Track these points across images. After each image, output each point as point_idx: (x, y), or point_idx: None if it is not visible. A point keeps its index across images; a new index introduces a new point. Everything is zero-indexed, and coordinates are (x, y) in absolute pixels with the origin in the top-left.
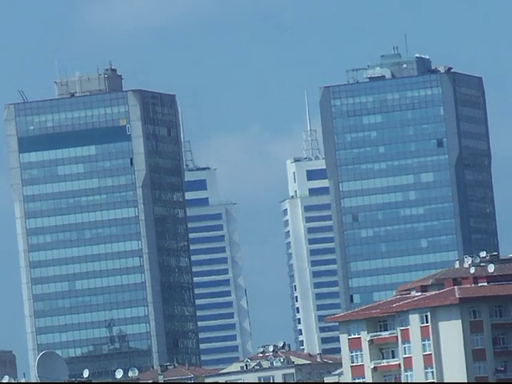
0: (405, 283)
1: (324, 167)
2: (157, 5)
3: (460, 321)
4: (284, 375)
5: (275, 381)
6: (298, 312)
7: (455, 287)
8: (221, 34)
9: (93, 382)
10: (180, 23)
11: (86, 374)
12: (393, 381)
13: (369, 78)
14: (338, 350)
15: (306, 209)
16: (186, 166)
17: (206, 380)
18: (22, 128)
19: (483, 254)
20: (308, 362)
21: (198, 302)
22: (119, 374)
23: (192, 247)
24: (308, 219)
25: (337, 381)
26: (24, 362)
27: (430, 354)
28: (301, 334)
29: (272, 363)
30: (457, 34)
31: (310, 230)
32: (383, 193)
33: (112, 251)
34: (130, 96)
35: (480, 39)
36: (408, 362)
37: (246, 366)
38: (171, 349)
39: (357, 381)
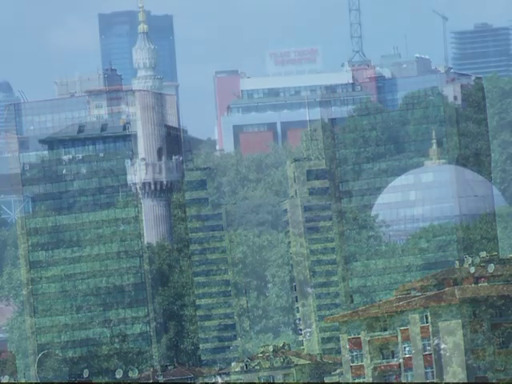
0: (405, 283)
1: (324, 167)
2: None
3: (460, 321)
4: (284, 375)
5: (275, 381)
6: (297, 312)
7: (455, 287)
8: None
9: (93, 382)
10: None
11: (86, 374)
12: (393, 381)
13: (369, 78)
14: (338, 350)
15: (306, 209)
16: (186, 165)
17: (206, 380)
18: (22, 128)
19: (483, 253)
20: (308, 361)
21: (197, 302)
22: (119, 374)
23: (192, 247)
24: (308, 219)
25: (337, 381)
26: (24, 362)
27: (430, 354)
28: (301, 334)
29: (272, 363)
30: None
31: (309, 230)
32: (383, 193)
33: (112, 251)
34: (130, 96)
35: None
36: (408, 361)
37: (246, 365)
38: (171, 349)
39: (357, 381)
